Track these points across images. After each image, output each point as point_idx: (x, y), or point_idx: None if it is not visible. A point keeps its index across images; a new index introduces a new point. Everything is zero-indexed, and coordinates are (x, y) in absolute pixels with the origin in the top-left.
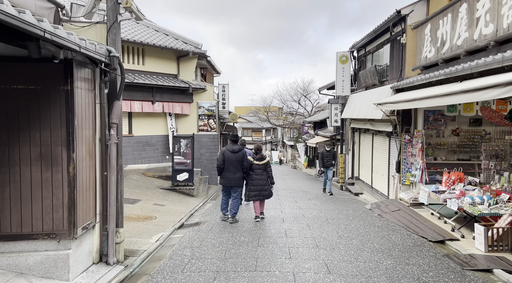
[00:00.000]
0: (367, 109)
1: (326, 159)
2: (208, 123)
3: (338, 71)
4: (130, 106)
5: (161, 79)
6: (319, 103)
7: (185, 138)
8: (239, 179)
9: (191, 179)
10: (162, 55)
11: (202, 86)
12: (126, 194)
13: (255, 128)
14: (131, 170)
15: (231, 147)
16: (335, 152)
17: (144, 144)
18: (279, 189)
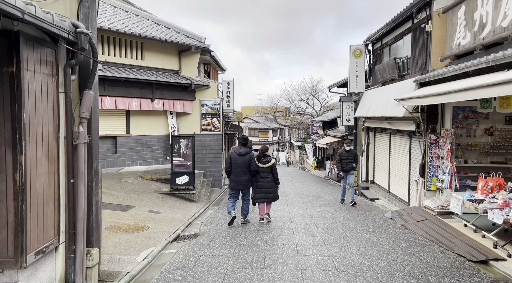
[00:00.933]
0: (385, 106)
1: (345, 161)
2: (212, 122)
3: (351, 66)
4: (127, 103)
5: (161, 75)
6: (327, 103)
7: (185, 138)
8: (247, 181)
9: (191, 182)
10: (163, 49)
11: (205, 82)
12: (119, 199)
13: (261, 129)
14: (128, 172)
15: (239, 149)
16: (356, 152)
17: (143, 144)
18: (287, 193)
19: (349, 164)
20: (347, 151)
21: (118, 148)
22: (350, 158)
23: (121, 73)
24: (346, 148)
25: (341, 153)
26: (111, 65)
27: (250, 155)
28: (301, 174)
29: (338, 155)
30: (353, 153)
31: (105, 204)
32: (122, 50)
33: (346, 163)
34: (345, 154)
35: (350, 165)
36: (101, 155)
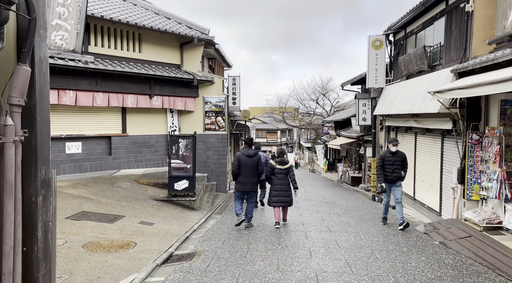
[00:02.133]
0: (412, 102)
1: (390, 167)
2: (216, 121)
3: (370, 59)
4: (122, 100)
5: (160, 70)
6: (338, 103)
7: (184, 138)
8: (254, 183)
9: (191, 187)
10: (163, 41)
11: (209, 78)
12: (107, 207)
13: (270, 130)
14: (123, 175)
15: (246, 150)
16: (405, 155)
17: (141, 145)
18: (299, 200)
19: (395, 171)
20: (392, 153)
21: (113, 149)
22: (398, 162)
23: (115, 66)
24: (391, 149)
25: (384, 155)
26: (105, 58)
27: (258, 156)
28: (312, 176)
29: (380, 158)
30: (402, 155)
31: (89, 214)
32: (117, 42)
33: (392, 170)
34: (390, 158)
35: (398, 173)
36: (94, 157)
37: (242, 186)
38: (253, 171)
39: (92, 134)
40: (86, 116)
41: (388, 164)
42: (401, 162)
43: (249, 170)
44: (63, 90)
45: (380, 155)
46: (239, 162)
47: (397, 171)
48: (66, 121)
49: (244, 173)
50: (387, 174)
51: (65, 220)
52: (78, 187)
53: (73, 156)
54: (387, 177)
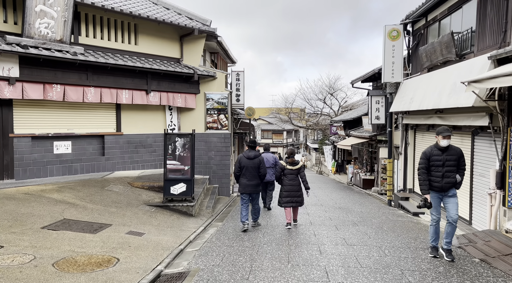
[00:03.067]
0: (437, 96)
1: (439, 169)
2: (219, 119)
3: (386, 51)
4: (116, 96)
5: (158, 63)
6: (346, 102)
7: (182, 136)
8: (256, 186)
9: (189, 191)
10: (161, 33)
11: (210, 73)
12: (93, 214)
13: (275, 130)
14: (117, 178)
15: (248, 153)
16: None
17: (137, 144)
18: (308, 205)
19: (448, 175)
20: (442, 148)
21: (106, 149)
22: (451, 162)
23: (108, 59)
24: (441, 143)
25: (429, 153)
26: (97, 50)
27: (260, 158)
28: (320, 178)
29: (424, 157)
30: (456, 152)
31: (70, 223)
32: (111, 33)
33: (442, 174)
34: (439, 156)
35: (451, 178)
36: (85, 157)
37: (244, 188)
38: (255, 173)
39: (83, 133)
40: (77, 113)
41: (436, 165)
42: (456, 161)
43: (250, 172)
44: (50, 84)
45: (424, 153)
46: (240, 163)
47: (450, 174)
48: (53, 118)
49: (246, 175)
50: (435, 179)
51: (41, 230)
52: (63, 190)
53: (62, 157)
54: (435, 184)
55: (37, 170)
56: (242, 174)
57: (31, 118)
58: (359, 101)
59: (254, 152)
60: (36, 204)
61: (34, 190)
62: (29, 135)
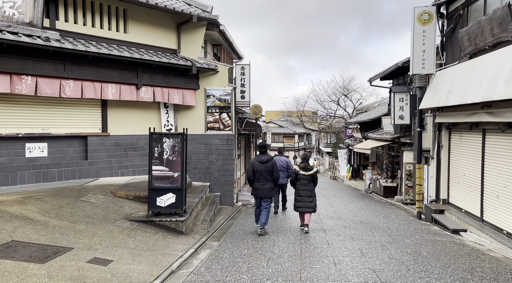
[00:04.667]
0: (487, 86)
1: None
2: (221, 118)
3: (415, 38)
4: (101, 90)
5: (149, 54)
6: (361, 104)
7: (171, 137)
8: (269, 189)
9: (179, 203)
10: (155, 20)
11: (211, 65)
12: (54, 233)
13: (287, 134)
14: (98, 185)
15: (260, 157)
16: None
17: (127, 147)
18: (323, 218)
19: None
20: None
21: (89, 151)
22: None
23: (89, 47)
24: None
25: None
26: (78, 37)
27: (272, 161)
28: (334, 185)
29: None
30: None
31: (18, 246)
32: (95, 18)
33: None
34: None
35: None
36: (65, 162)
37: (257, 192)
38: (267, 177)
39: (62, 134)
40: (54, 111)
41: None
42: None
43: (263, 176)
44: (18, 76)
45: None
46: (253, 167)
47: None
48: (25, 116)
49: (259, 179)
50: None
51: None
52: (28, 202)
53: (35, 161)
54: None
55: (4, 177)
56: (255, 178)
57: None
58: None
59: (266, 156)
60: None
61: None
62: None
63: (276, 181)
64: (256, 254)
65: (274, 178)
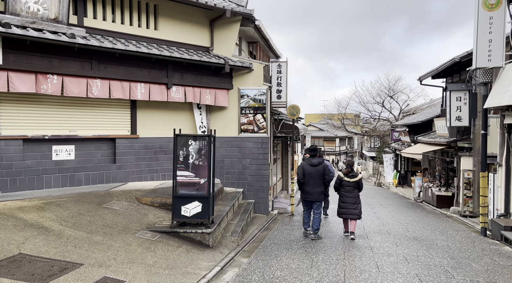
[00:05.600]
0: None
1: None
2: (255, 120)
3: (480, 26)
4: (130, 90)
5: (180, 51)
6: (408, 106)
7: (197, 139)
8: (319, 193)
9: (205, 213)
10: (187, 16)
11: (245, 63)
12: (67, 246)
13: (327, 137)
14: (125, 191)
15: (310, 160)
16: None
17: (157, 150)
18: (370, 232)
19: None
20: None
21: (118, 154)
22: None
23: (116, 44)
24: None
25: None
26: (107, 34)
27: (323, 165)
28: (379, 192)
29: None
30: None
31: (24, 261)
32: (125, 15)
33: None
34: None
35: None
36: (93, 165)
37: (307, 195)
38: (319, 180)
39: (90, 136)
40: (81, 112)
41: None
42: None
43: (313, 179)
44: (43, 75)
45: None
46: (303, 170)
47: None
48: (52, 117)
49: (309, 182)
50: None
51: None
52: (47, 208)
53: (62, 164)
54: None
55: (30, 180)
56: (305, 182)
57: (22, 116)
58: (423, 105)
59: (317, 159)
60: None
61: (10, 206)
62: (20, 137)
63: (327, 184)
64: (290, 277)
65: (326, 181)
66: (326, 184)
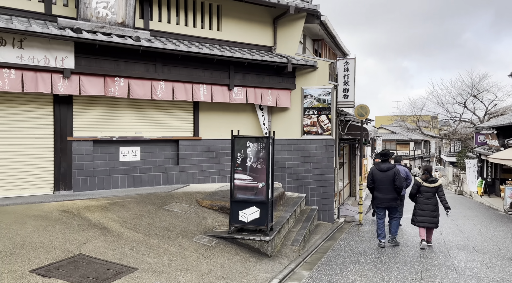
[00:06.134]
0: None
1: None
2: (319, 121)
3: None
4: (192, 91)
5: (242, 51)
6: (496, 106)
7: (255, 140)
8: (391, 200)
9: (264, 219)
10: (249, 15)
11: (309, 62)
12: (124, 248)
13: (400, 141)
14: (186, 193)
15: (380, 165)
16: None
17: (218, 152)
18: (451, 247)
19: None
20: None
21: (180, 156)
22: None
23: (179, 45)
24: None
25: None
26: (171, 37)
27: (394, 170)
28: (461, 201)
29: None
30: None
31: (82, 263)
32: (188, 17)
33: None
34: None
35: None
36: (157, 167)
37: (378, 202)
38: (389, 186)
39: (154, 137)
40: (145, 114)
41: None
42: None
43: (384, 185)
44: (111, 78)
45: None
46: (372, 176)
47: None
48: (118, 119)
49: (379, 188)
50: None
51: (24, 276)
52: (111, 209)
53: (129, 165)
54: None
55: (99, 180)
56: (375, 187)
57: (92, 118)
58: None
59: (387, 164)
60: (60, 227)
61: (78, 206)
62: (91, 138)
63: (399, 190)
64: None
65: (397, 187)
66: (397, 190)
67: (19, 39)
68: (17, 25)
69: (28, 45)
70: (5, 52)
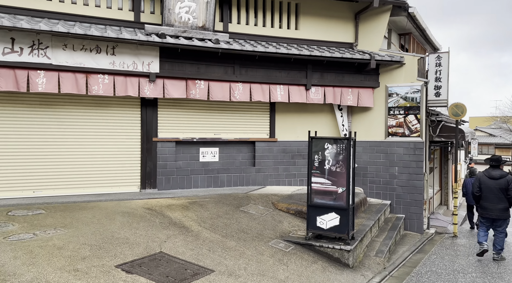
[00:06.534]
0: None
1: None
2: (406, 121)
3: None
4: (269, 92)
5: (320, 50)
6: None
7: (333, 142)
8: (502, 210)
9: (344, 227)
10: (329, 11)
11: (395, 57)
12: (202, 249)
13: (500, 144)
14: (262, 195)
15: (490, 171)
16: None
17: (294, 154)
18: None
19: None
20: None
21: (257, 157)
22: None
23: (256, 46)
24: None
25: None
26: (249, 38)
27: (507, 178)
28: None
29: None
30: None
31: (162, 261)
32: (266, 17)
33: None
34: None
35: None
36: (234, 167)
37: (485, 211)
38: (499, 195)
39: (231, 139)
40: (223, 115)
41: None
42: None
43: (494, 194)
44: (192, 81)
45: None
46: (479, 183)
47: None
48: (198, 121)
49: (487, 197)
50: None
51: (110, 270)
52: (191, 208)
53: (208, 165)
54: None
55: (180, 180)
56: (483, 196)
57: (174, 120)
58: None
59: (499, 171)
60: (144, 225)
61: (161, 204)
62: (173, 139)
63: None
64: None
65: (510, 197)
66: (510, 200)
67: (111, 46)
68: (110, 33)
69: (119, 51)
70: (100, 59)
